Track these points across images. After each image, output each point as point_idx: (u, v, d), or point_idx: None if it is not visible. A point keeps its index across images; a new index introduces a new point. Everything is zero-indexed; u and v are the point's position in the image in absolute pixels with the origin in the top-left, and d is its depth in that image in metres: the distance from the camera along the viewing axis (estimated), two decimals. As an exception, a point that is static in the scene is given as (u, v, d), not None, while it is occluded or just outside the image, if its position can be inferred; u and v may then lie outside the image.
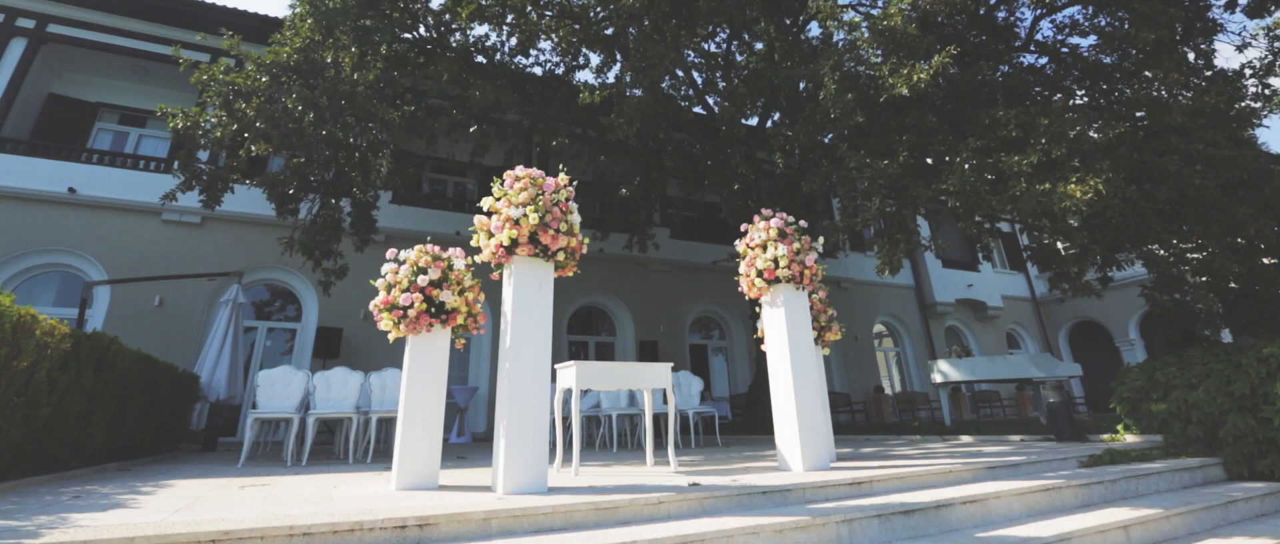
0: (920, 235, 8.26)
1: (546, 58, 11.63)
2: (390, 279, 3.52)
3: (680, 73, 9.41)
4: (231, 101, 7.14)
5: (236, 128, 7.00)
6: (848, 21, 7.14)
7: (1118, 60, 8.67)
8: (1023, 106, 6.79)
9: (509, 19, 10.29)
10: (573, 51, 11.21)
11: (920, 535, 2.80)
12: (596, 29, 10.52)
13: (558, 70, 11.66)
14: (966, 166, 6.38)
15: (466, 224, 15.52)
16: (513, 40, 10.85)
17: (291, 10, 8.29)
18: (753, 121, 13.52)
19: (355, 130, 7.39)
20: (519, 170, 3.48)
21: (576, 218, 3.46)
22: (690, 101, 11.62)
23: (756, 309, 4.58)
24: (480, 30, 10.24)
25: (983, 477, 3.72)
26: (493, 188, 3.43)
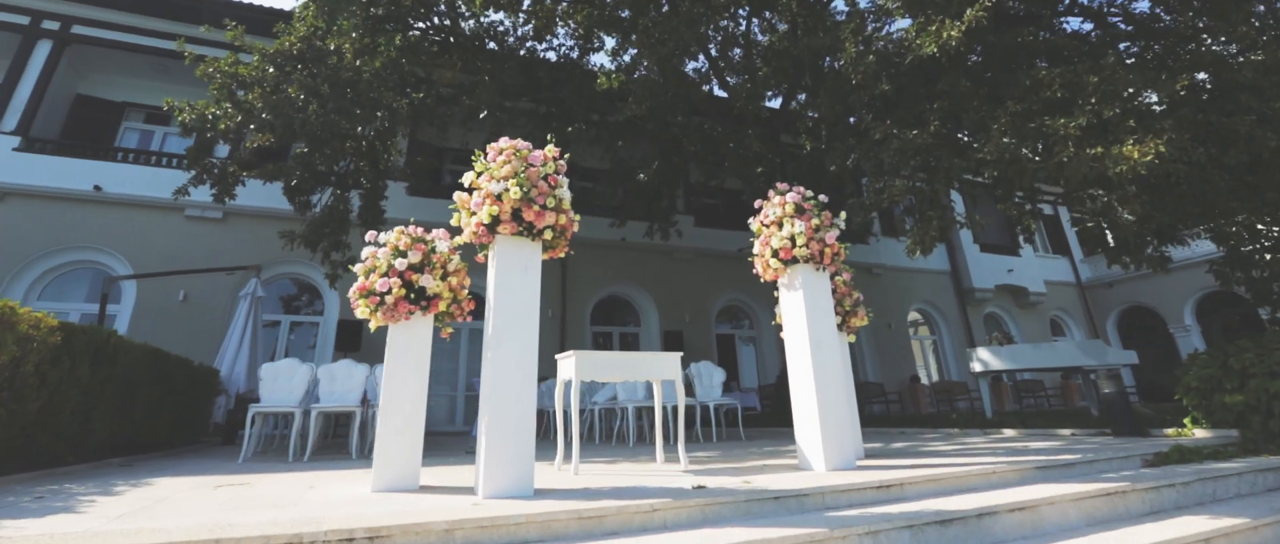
0: (955, 212, 7.67)
1: (559, 42, 11.32)
2: (369, 263, 3.25)
3: (696, 50, 8.95)
4: (235, 92, 7.02)
5: (241, 119, 6.88)
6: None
7: (1174, 22, 7.91)
8: (1069, 65, 6.16)
9: (526, 4, 9.98)
10: (587, 35, 10.88)
11: (959, 549, 2.41)
12: (612, 11, 10.16)
13: (573, 54, 11.35)
14: (1005, 135, 5.80)
15: (485, 215, 15.39)
16: (529, 27, 10.55)
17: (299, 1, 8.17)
18: (776, 103, 13.00)
19: (360, 118, 7.20)
20: (502, 141, 3.16)
21: (566, 193, 3.13)
22: (708, 81, 11.17)
23: (776, 294, 4.20)
24: (494, 16, 9.91)
25: (1032, 478, 3.28)
26: (473, 162, 3.12)
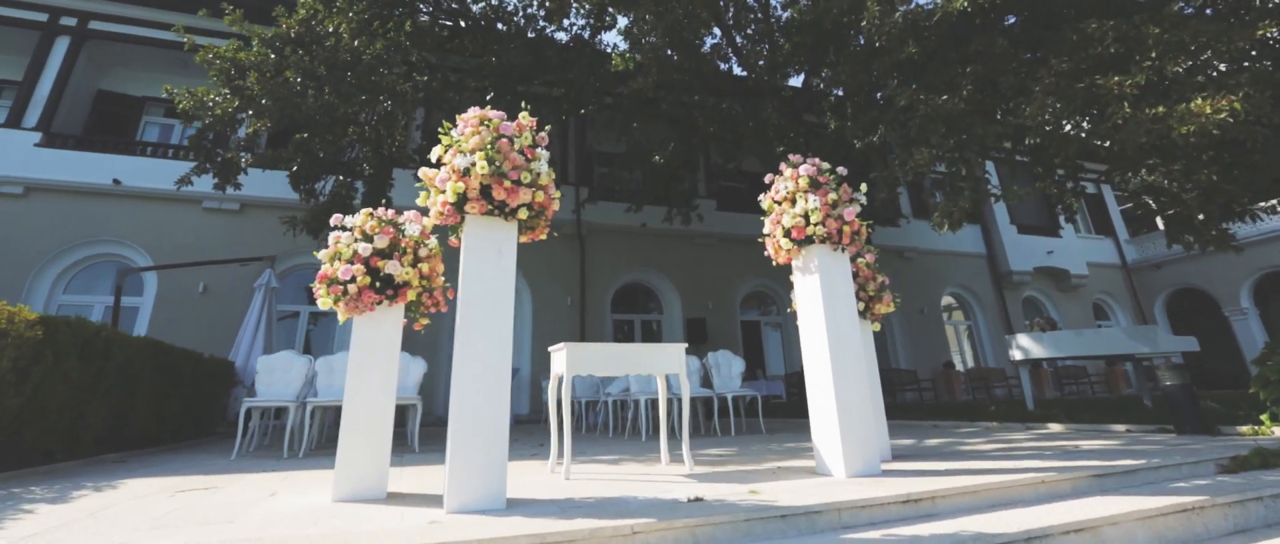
0: (989, 184, 7.06)
1: (571, 21, 10.92)
2: (333, 249, 2.95)
3: (708, 17, 8.42)
4: (233, 78, 6.83)
5: (237, 105, 6.68)
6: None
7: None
8: (1124, 17, 5.49)
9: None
10: (599, 12, 10.44)
11: (1003, 582, 2.00)
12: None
13: (584, 34, 10.94)
14: (1049, 97, 5.20)
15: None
16: (541, 10, 10.16)
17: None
18: (798, 81, 12.39)
19: (362, 103, 6.94)
20: (471, 111, 2.81)
21: (543, 167, 2.76)
22: (726, 59, 10.64)
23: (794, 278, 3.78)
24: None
25: (1088, 489, 2.82)
26: (440, 136, 2.78)
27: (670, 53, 8.26)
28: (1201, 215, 6.62)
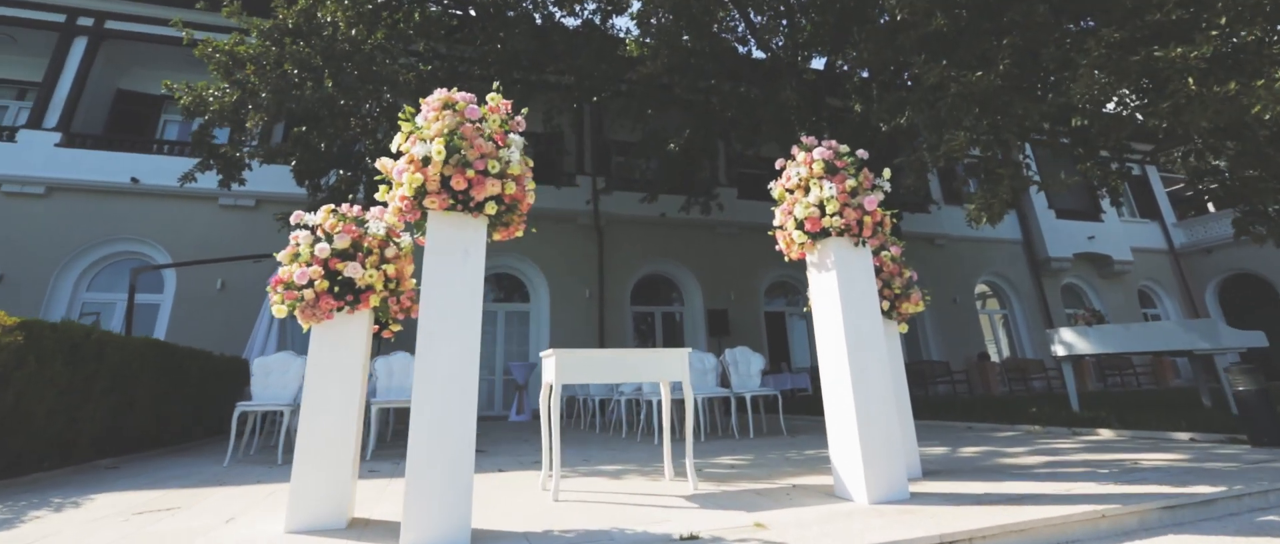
0: (1030, 170, 6.49)
1: (582, 5, 10.55)
2: (290, 250, 2.67)
3: (727, 1, 7.96)
4: (232, 71, 6.65)
5: (236, 99, 6.50)
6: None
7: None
8: (1190, -22, 4.88)
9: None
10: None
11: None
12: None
13: (595, 19, 10.56)
14: (1098, 71, 4.65)
15: (515, 194, 14.81)
16: None
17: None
18: (820, 64, 11.82)
19: (360, 93, 6.70)
20: (437, 94, 2.49)
21: (515, 154, 2.42)
22: (745, 42, 10.16)
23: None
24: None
25: (1158, 525, 2.39)
26: (400, 122, 2.46)
27: (684, 37, 7.84)
28: (1275, 206, 5.96)
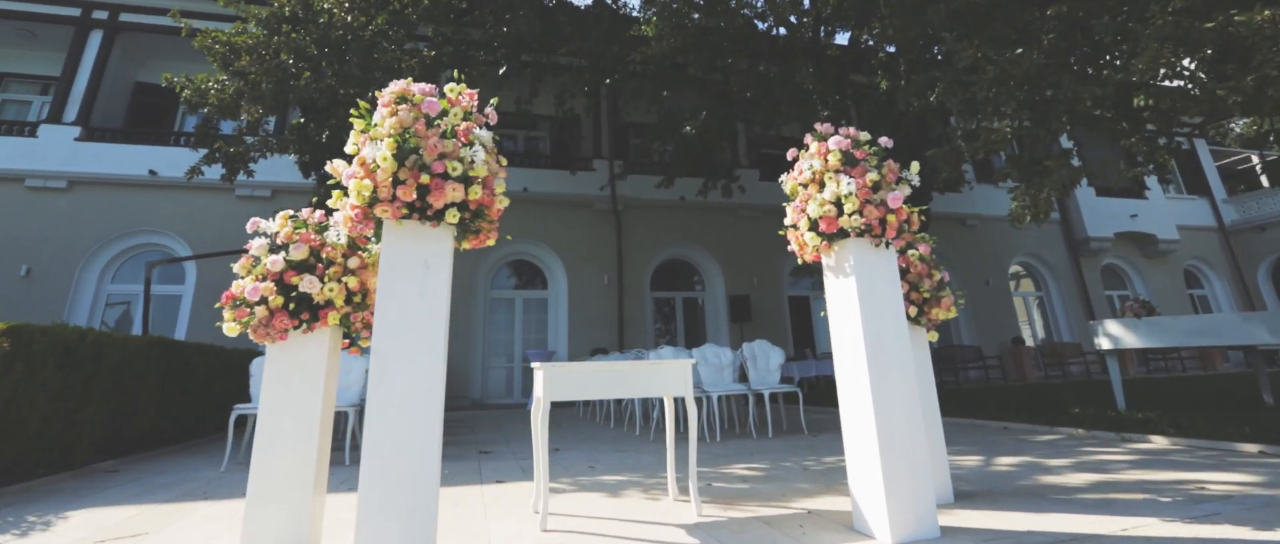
0: (1079, 160, 5.94)
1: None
2: (244, 261, 2.43)
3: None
4: (230, 62, 6.46)
5: (234, 91, 6.32)
6: None
7: None
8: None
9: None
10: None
11: None
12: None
13: None
14: (1163, 42, 4.12)
15: (535, 181, 14.39)
16: None
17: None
18: (844, 39, 11.20)
19: (360, 82, 6.46)
20: (393, 86, 2.19)
21: (479, 154, 2.12)
22: (764, 18, 9.63)
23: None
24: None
25: (1237, 583, 2.03)
26: (352, 119, 2.18)
27: (694, 16, 7.40)
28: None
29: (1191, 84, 5.16)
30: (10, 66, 12.82)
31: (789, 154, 2.90)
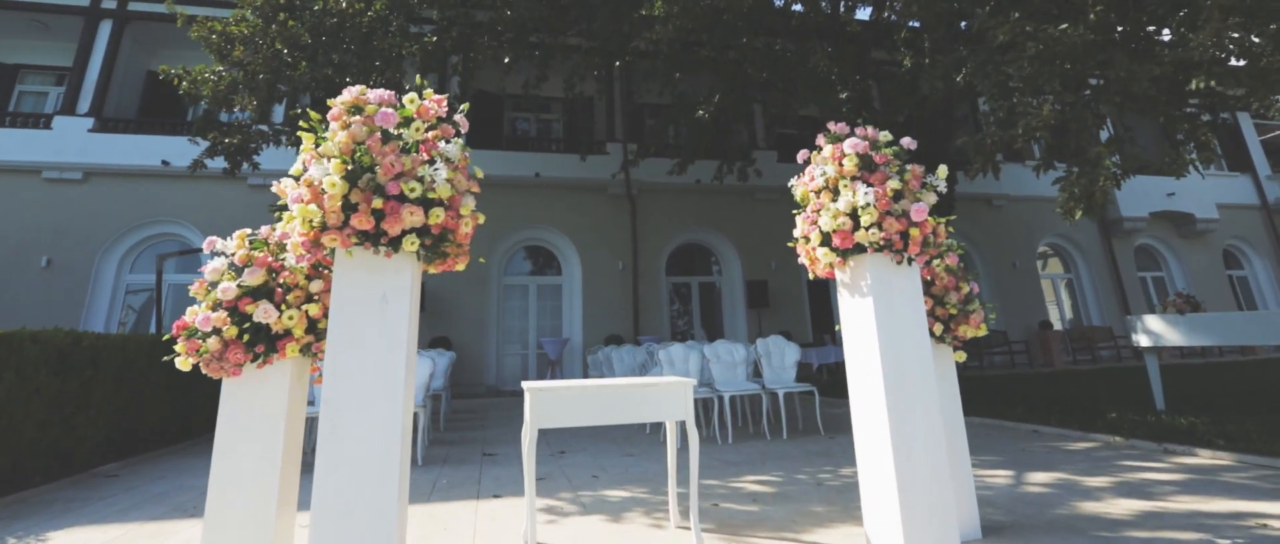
0: (1135, 144, 5.47)
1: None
2: (199, 285, 2.23)
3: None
4: (225, 52, 6.28)
5: (229, 82, 6.15)
6: None
7: None
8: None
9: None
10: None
11: None
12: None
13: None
14: (1229, 15, 3.67)
15: (547, 166, 14.12)
16: None
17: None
18: (865, 14, 10.62)
19: (357, 69, 6.24)
20: (346, 94, 1.95)
21: (441, 172, 1.87)
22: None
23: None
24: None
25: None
26: (301, 131, 1.94)
27: None
28: None
29: (1242, 57, 4.69)
30: (26, 58, 12.86)
31: (800, 156, 2.60)
